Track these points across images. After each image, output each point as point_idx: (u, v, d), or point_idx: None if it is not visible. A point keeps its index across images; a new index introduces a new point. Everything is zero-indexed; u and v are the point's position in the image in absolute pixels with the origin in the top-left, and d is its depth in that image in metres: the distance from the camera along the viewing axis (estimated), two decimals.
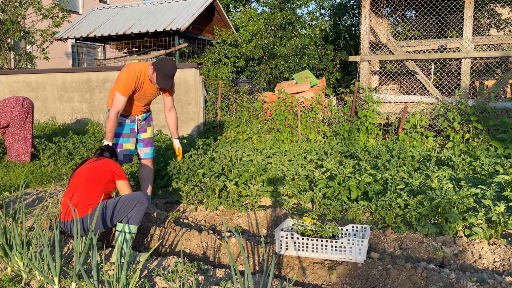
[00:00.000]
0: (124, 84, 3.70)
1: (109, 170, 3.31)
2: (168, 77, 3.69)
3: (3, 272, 2.91)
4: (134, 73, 3.72)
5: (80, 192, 3.20)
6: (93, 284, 2.51)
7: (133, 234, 3.17)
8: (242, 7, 16.79)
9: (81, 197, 3.17)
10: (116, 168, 3.36)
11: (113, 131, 3.78)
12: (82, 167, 3.35)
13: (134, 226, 3.16)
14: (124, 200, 3.17)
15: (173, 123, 4.17)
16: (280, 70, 11.14)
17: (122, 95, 3.70)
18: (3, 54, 12.75)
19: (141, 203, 3.20)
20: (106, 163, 3.36)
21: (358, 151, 5.72)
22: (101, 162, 3.36)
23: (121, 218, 3.17)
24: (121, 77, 3.72)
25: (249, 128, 7.91)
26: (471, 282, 2.54)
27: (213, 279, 2.77)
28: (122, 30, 11.07)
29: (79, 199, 3.17)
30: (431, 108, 7.15)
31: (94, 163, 3.34)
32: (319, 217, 4.00)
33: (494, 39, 8.51)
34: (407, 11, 10.39)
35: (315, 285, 2.82)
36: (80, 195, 3.19)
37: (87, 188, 3.21)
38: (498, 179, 3.90)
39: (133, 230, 3.17)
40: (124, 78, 3.70)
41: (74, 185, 3.26)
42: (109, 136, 3.77)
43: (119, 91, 3.70)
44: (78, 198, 3.18)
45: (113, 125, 3.75)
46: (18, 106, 6.36)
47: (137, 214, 3.18)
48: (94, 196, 3.19)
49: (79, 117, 10.13)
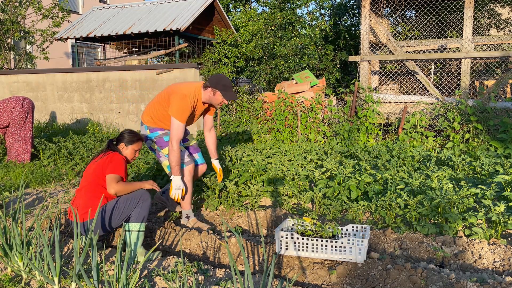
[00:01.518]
0: (182, 111, 3.56)
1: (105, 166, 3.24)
2: (230, 88, 3.63)
3: (3, 272, 2.91)
4: (189, 97, 3.60)
5: (83, 193, 3.22)
6: (93, 284, 2.51)
7: (141, 232, 3.18)
8: (242, 7, 16.78)
9: (82, 200, 3.19)
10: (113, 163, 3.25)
11: (179, 163, 3.61)
12: (90, 165, 3.34)
13: (138, 224, 3.16)
14: (125, 200, 3.17)
15: (213, 143, 4.05)
16: (280, 70, 11.14)
17: (181, 122, 3.57)
18: (3, 54, 12.75)
19: (143, 201, 3.18)
20: (107, 160, 3.27)
21: (358, 151, 5.72)
22: (104, 159, 3.29)
23: (123, 218, 3.17)
24: (176, 103, 3.57)
25: (249, 128, 7.91)
26: (471, 282, 2.54)
27: (213, 279, 2.77)
28: (122, 30, 11.07)
29: (80, 201, 3.19)
30: (431, 108, 7.15)
31: (99, 161, 3.29)
32: (319, 217, 4.00)
33: (494, 39, 8.51)
34: (407, 11, 10.39)
35: (315, 285, 2.82)
36: (82, 197, 3.20)
37: (89, 191, 3.22)
38: (498, 179, 3.90)
39: (141, 228, 3.18)
40: (181, 104, 3.56)
41: (81, 185, 3.29)
42: (177, 170, 3.61)
43: (177, 118, 3.55)
44: (80, 199, 3.20)
45: (178, 155, 3.58)
46: (18, 106, 6.36)
47: (141, 212, 3.17)
48: (94, 199, 3.18)
49: (79, 117, 10.13)
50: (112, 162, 3.26)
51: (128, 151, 3.44)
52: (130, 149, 3.44)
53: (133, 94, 9.47)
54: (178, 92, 3.62)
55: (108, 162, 3.26)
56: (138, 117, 9.44)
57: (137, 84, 9.42)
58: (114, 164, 3.26)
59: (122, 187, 3.20)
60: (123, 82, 9.56)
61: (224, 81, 3.63)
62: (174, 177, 3.64)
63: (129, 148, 3.44)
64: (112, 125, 9.67)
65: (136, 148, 3.47)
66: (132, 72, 9.52)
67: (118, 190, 3.18)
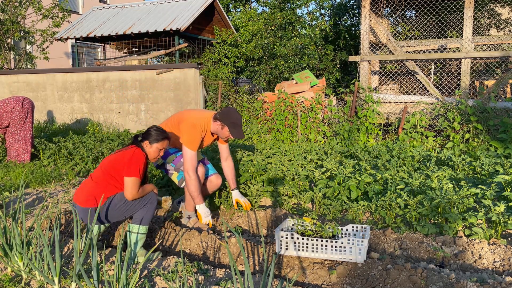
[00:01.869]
0: (193, 140, 3.61)
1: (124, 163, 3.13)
2: (238, 126, 3.67)
3: (3, 272, 2.91)
4: (199, 127, 3.65)
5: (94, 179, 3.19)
6: (93, 284, 2.51)
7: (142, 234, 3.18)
8: (242, 7, 16.78)
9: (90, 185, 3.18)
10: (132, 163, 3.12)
11: (200, 191, 3.64)
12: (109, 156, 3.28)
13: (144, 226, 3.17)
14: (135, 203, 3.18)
15: (231, 172, 4.00)
16: (280, 70, 11.14)
17: (193, 150, 3.61)
18: (3, 54, 12.75)
19: (151, 203, 3.18)
20: (128, 155, 3.16)
21: (358, 151, 5.72)
22: (125, 152, 3.19)
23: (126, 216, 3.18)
24: (186, 132, 3.62)
25: (249, 128, 7.91)
26: (471, 282, 2.54)
27: (213, 279, 2.77)
28: (122, 30, 11.07)
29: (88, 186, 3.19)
30: (431, 108, 7.15)
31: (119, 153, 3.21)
32: (319, 217, 4.00)
33: (494, 39, 8.51)
34: (407, 11, 10.39)
35: (315, 285, 2.82)
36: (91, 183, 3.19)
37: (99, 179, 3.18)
38: (498, 179, 3.89)
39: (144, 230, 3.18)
40: (191, 134, 3.61)
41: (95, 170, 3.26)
42: (199, 198, 3.63)
43: (189, 147, 3.59)
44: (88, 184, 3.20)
45: (196, 184, 3.61)
46: (17, 106, 6.36)
47: (146, 214, 3.17)
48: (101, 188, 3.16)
49: (79, 117, 10.13)
50: (132, 162, 3.13)
51: (152, 149, 3.30)
52: (154, 147, 3.30)
53: (133, 94, 9.47)
54: (188, 121, 3.67)
55: (128, 160, 3.14)
56: (138, 117, 9.44)
57: (137, 84, 9.42)
58: (134, 164, 3.13)
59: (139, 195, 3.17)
60: (123, 82, 9.56)
61: (234, 118, 3.66)
62: (199, 206, 3.65)
63: (153, 147, 3.30)
64: (112, 125, 9.67)
65: (161, 147, 3.33)
66: (132, 72, 9.52)
67: (136, 197, 3.15)
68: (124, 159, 3.15)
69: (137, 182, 3.14)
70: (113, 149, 6.35)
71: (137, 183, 3.14)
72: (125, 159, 3.15)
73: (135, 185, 3.13)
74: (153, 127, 3.36)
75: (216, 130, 3.74)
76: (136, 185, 3.13)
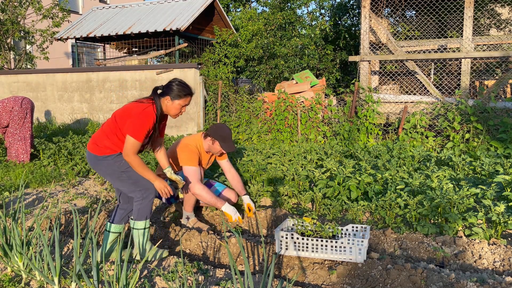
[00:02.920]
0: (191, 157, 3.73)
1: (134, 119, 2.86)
2: (228, 139, 3.77)
3: (3, 272, 2.91)
4: (193, 146, 3.79)
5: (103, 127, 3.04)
6: (93, 284, 2.51)
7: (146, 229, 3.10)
8: (242, 7, 16.78)
9: (98, 133, 3.04)
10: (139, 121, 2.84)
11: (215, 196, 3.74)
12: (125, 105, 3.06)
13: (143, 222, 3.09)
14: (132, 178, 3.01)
15: (238, 181, 4.06)
16: (280, 70, 11.14)
17: (194, 166, 3.72)
18: (3, 54, 12.75)
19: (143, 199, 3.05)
20: (139, 110, 2.88)
21: (358, 151, 5.72)
22: (138, 105, 2.93)
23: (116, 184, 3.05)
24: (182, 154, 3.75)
25: (249, 128, 7.91)
26: (471, 282, 2.54)
27: (213, 279, 2.77)
28: (122, 30, 11.06)
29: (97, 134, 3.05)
30: (431, 108, 7.15)
31: (132, 103, 2.96)
32: (319, 217, 4.00)
33: (494, 39, 8.51)
34: (407, 11, 10.39)
35: (315, 285, 2.82)
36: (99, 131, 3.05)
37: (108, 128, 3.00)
38: (498, 179, 3.89)
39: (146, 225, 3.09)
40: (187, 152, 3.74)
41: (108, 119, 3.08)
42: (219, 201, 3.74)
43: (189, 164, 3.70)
44: (98, 132, 3.06)
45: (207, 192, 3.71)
46: (17, 106, 6.36)
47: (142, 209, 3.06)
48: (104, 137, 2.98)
49: (79, 117, 10.13)
50: (140, 119, 2.84)
51: (174, 105, 2.97)
52: (176, 103, 2.98)
53: (133, 94, 9.47)
54: (181, 143, 3.85)
55: (137, 115, 2.86)
56: None
57: (137, 84, 9.42)
58: (140, 123, 2.84)
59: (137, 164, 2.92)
60: (123, 82, 9.56)
61: (223, 131, 3.78)
62: (224, 207, 3.74)
63: (175, 103, 2.97)
64: None
65: (183, 103, 3.00)
66: (132, 72, 9.52)
67: (132, 163, 2.92)
68: (134, 113, 2.88)
69: (138, 146, 2.89)
70: None
71: (137, 146, 2.90)
72: (135, 113, 2.87)
73: (136, 148, 2.89)
74: (175, 81, 3.02)
75: (208, 147, 3.87)
76: (136, 148, 2.89)
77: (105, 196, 4.92)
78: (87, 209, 4.42)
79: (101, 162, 3.01)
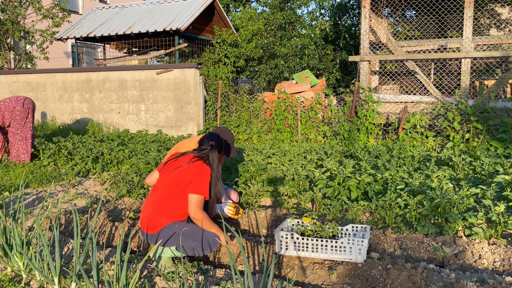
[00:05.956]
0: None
1: (190, 177, 2.91)
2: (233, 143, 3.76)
3: (3, 272, 2.91)
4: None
5: (158, 202, 2.97)
6: (93, 284, 2.51)
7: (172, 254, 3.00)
8: (242, 7, 16.78)
9: (155, 210, 2.96)
10: (201, 180, 2.89)
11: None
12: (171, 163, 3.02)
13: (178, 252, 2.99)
14: (197, 235, 2.93)
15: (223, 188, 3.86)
16: (280, 70, 11.14)
17: None
18: (3, 54, 12.75)
19: (206, 248, 2.94)
20: (196, 171, 2.93)
21: (358, 151, 5.72)
22: (192, 167, 2.95)
23: (180, 242, 2.91)
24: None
25: (249, 128, 7.91)
26: (471, 282, 2.54)
27: (213, 279, 2.77)
28: (122, 30, 11.07)
29: (153, 209, 2.97)
30: (431, 108, 7.15)
31: (185, 167, 2.96)
32: (319, 217, 4.00)
33: (494, 39, 8.51)
34: (407, 11, 10.39)
35: (315, 285, 2.82)
36: (155, 206, 2.97)
37: (163, 203, 2.95)
38: (498, 179, 3.89)
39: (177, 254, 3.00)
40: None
41: (159, 188, 3.00)
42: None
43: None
44: (152, 208, 2.98)
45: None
46: (18, 106, 6.37)
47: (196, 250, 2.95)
48: (167, 214, 2.95)
49: (79, 117, 10.13)
50: (200, 178, 2.94)
51: (221, 160, 3.28)
52: (222, 159, 3.31)
53: (133, 94, 9.47)
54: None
55: (197, 176, 2.94)
56: (138, 117, 9.44)
57: (137, 84, 9.42)
58: (202, 181, 2.94)
59: (204, 221, 2.92)
60: (123, 82, 9.56)
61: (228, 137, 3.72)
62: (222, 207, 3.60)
63: (222, 158, 3.31)
64: (112, 125, 9.66)
65: None
66: (132, 72, 9.52)
67: (200, 221, 2.92)
68: (192, 176, 2.93)
69: (203, 201, 2.95)
70: (113, 149, 6.35)
71: (203, 201, 2.95)
72: (194, 175, 2.93)
73: (201, 203, 2.93)
74: (225, 141, 3.25)
75: None
76: (202, 203, 2.94)
77: (105, 196, 4.92)
78: (87, 209, 4.42)
79: None
